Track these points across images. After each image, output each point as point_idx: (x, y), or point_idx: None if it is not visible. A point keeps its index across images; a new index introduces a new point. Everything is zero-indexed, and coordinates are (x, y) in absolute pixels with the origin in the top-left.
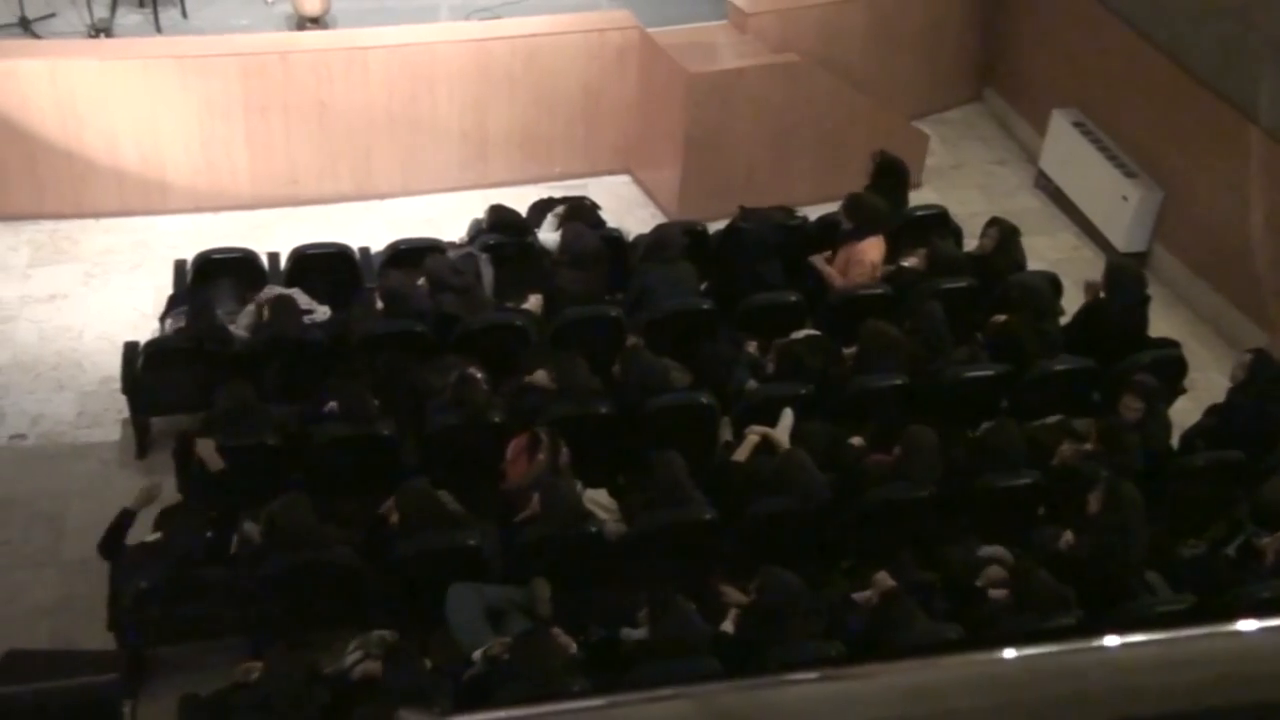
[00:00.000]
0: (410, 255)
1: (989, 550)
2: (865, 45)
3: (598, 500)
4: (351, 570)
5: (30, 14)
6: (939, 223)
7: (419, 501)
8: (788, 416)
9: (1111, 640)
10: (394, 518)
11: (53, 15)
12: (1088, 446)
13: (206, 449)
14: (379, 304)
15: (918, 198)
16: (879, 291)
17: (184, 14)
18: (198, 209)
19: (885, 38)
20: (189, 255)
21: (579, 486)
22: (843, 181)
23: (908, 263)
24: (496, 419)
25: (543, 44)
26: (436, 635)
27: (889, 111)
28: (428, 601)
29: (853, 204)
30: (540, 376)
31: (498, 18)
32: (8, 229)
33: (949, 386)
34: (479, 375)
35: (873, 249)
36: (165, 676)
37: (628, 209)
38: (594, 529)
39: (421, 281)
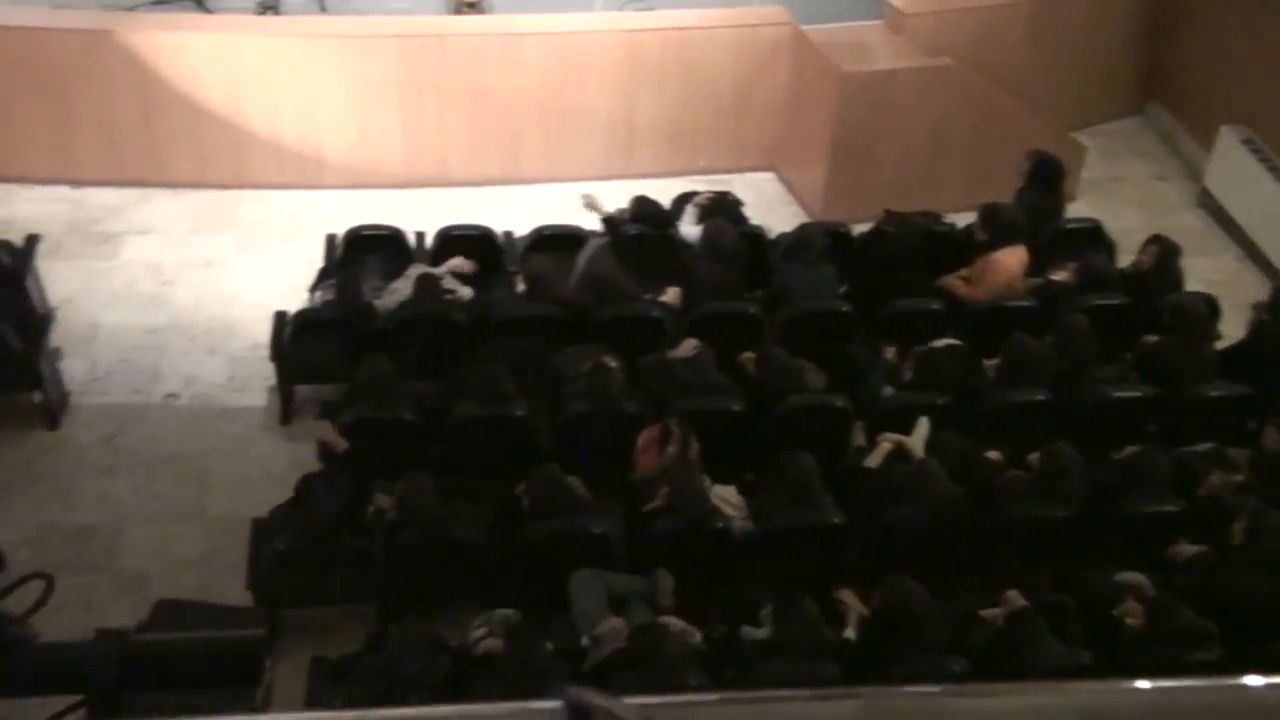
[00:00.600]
0: (553, 241)
1: (1128, 577)
2: (1024, 51)
3: (726, 496)
4: (479, 549)
5: None
6: (1092, 237)
7: (549, 486)
8: (923, 425)
9: (1254, 680)
10: (525, 500)
11: None
12: (1239, 478)
13: (327, 431)
14: (520, 287)
15: (1072, 211)
16: (1024, 304)
17: None
18: (350, 185)
19: (1046, 44)
20: (340, 230)
21: (707, 481)
22: (994, 189)
23: (1057, 276)
24: (629, 408)
25: (695, 37)
26: (559, 619)
27: (1045, 120)
28: (552, 585)
29: (988, 214)
30: (687, 347)
31: (651, 9)
32: (172, 196)
33: (1094, 406)
34: (614, 364)
35: (1010, 259)
36: (297, 637)
37: (770, 206)
38: (720, 525)
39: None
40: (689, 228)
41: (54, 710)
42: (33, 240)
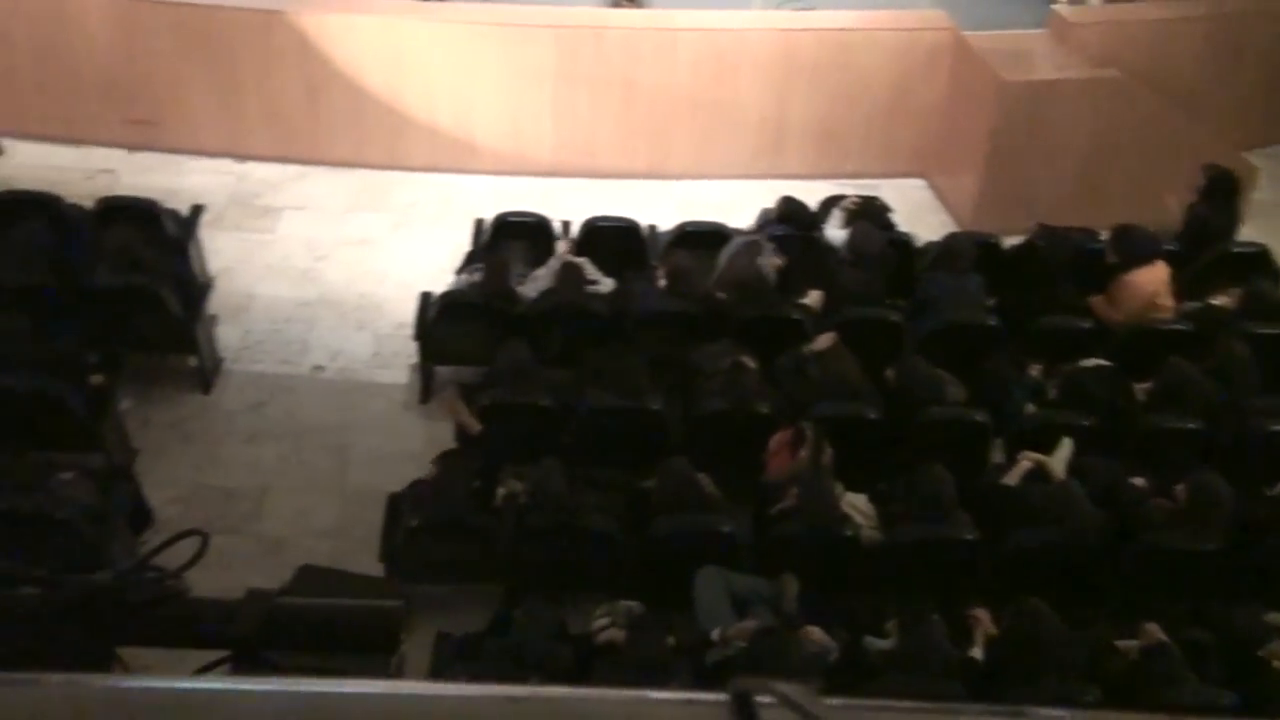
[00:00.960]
0: (697, 238)
1: (1276, 618)
2: (1198, 67)
3: (856, 504)
4: (606, 539)
5: None
6: (1259, 262)
7: (679, 481)
8: (1066, 446)
9: None
10: (654, 494)
11: None
12: None
13: (462, 412)
14: (661, 282)
15: (1238, 234)
16: (1179, 327)
17: None
18: (500, 171)
19: (1222, 60)
20: (488, 215)
21: (839, 488)
22: (1157, 209)
23: (1218, 301)
24: (763, 409)
25: (852, 39)
26: (681, 615)
27: (1216, 139)
28: (677, 580)
29: (1118, 236)
30: (822, 341)
31: (810, 9)
32: (331, 174)
33: (1251, 438)
34: (751, 364)
35: (1144, 279)
36: (424, 612)
37: (919, 214)
38: (849, 533)
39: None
40: (835, 231)
41: (201, 663)
42: (197, 211)
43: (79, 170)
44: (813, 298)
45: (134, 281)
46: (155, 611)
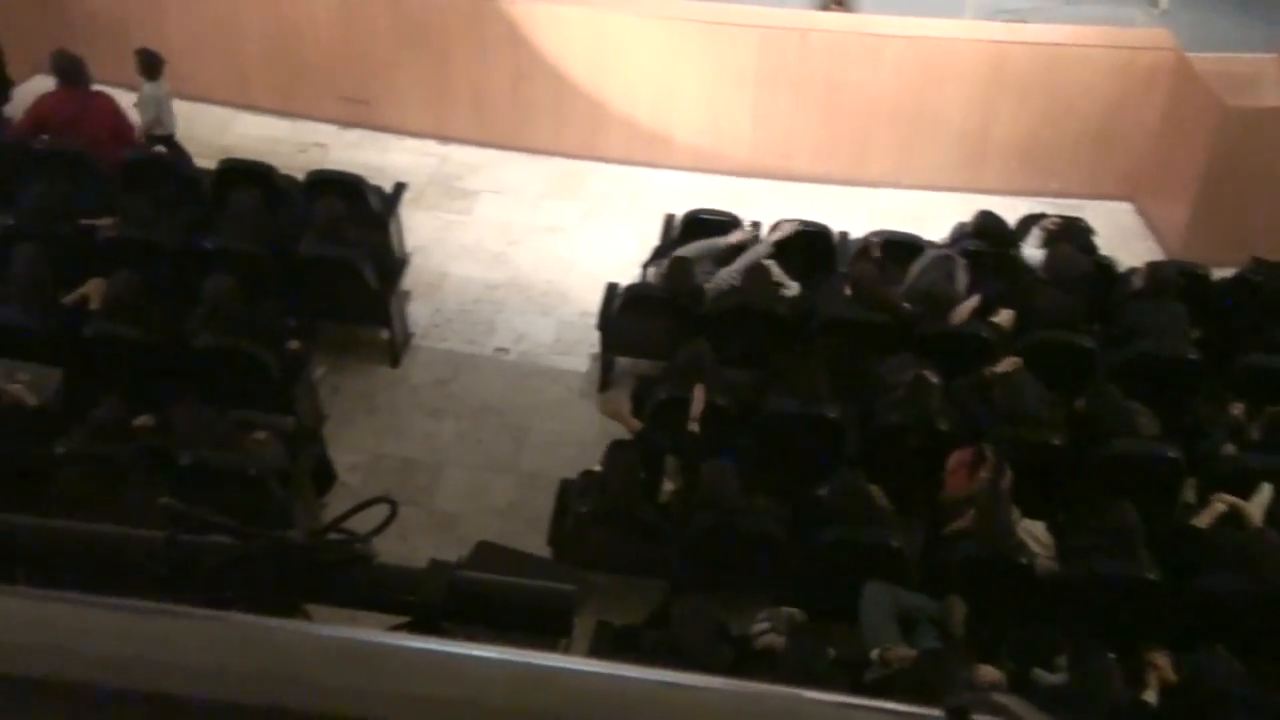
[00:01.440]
0: (889, 247)
1: None
2: None
3: (1034, 532)
4: (773, 543)
5: None
6: None
7: (851, 492)
8: (1265, 492)
9: None
10: (826, 502)
11: None
12: None
13: (622, 414)
14: (847, 290)
15: None
16: None
17: None
18: (695, 168)
19: None
20: (680, 211)
21: (1016, 513)
22: None
23: None
24: (943, 426)
25: (1066, 55)
26: (844, 627)
27: None
28: (842, 592)
29: None
30: (1006, 364)
31: (1024, 22)
32: (529, 161)
33: None
34: (934, 380)
35: None
36: (585, 599)
37: (1124, 239)
38: (1024, 560)
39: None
40: (1033, 250)
41: (378, 627)
42: (400, 188)
43: (293, 143)
44: (1004, 317)
45: (336, 253)
46: (343, 573)
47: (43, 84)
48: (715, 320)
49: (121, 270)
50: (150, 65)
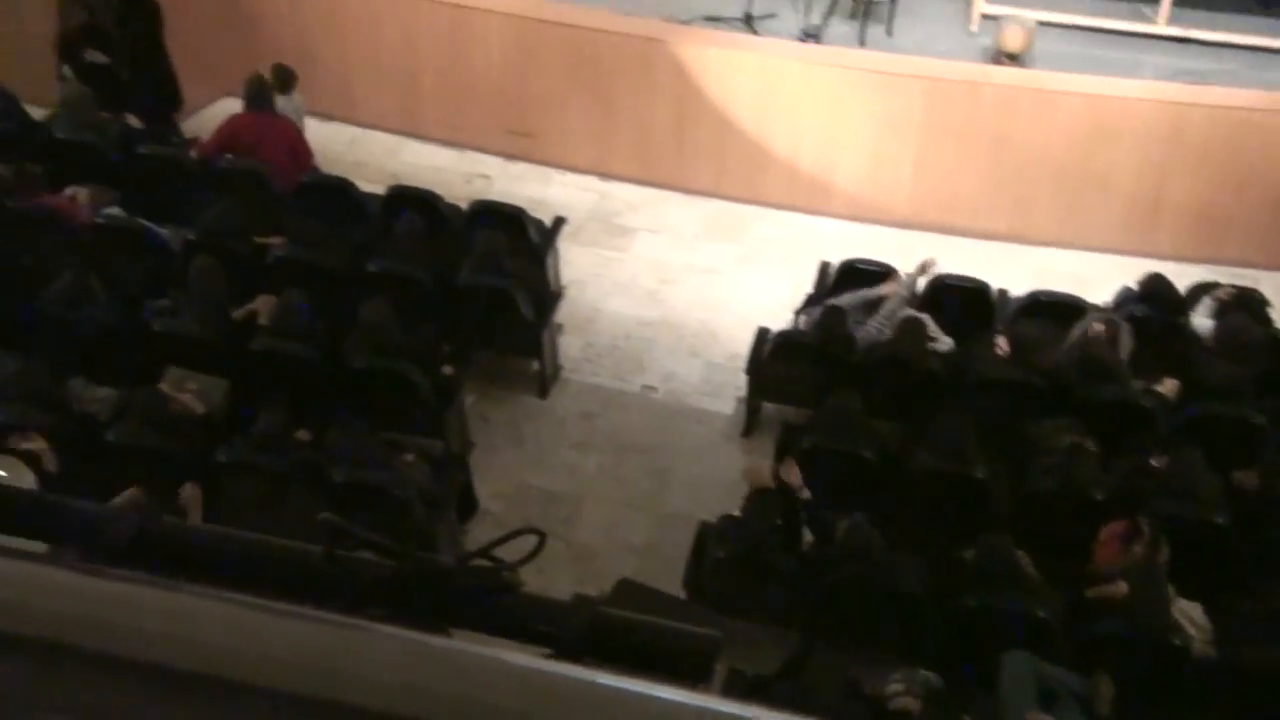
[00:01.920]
0: (1049, 308)
1: None
2: None
3: (1190, 614)
4: (914, 603)
5: (755, 12)
6: None
7: (997, 556)
8: None
9: None
10: (970, 565)
11: (773, 16)
12: None
13: (758, 478)
14: (1003, 348)
15: None
16: None
17: (889, 32)
18: (854, 217)
19: None
20: (835, 259)
21: (1171, 592)
22: None
23: None
24: (1099, 496)
25: (1251, 119)
26: (982, 696)
27: None
28: (982, 659)
29: None
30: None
31: (1207, 84)
32: (688, 202)
33: None
34: (1091, 447)
35: None
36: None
37: None
38: (1179, 642)
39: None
40: (1202, 320)
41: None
42: (559, 222)
43: (459, 173)
44: (1168, 386)
45: (494, 283)
46: (488, 600)
47: (230, 106)
48: (865, 371)
49: (290, 289)
50: (284, 79)
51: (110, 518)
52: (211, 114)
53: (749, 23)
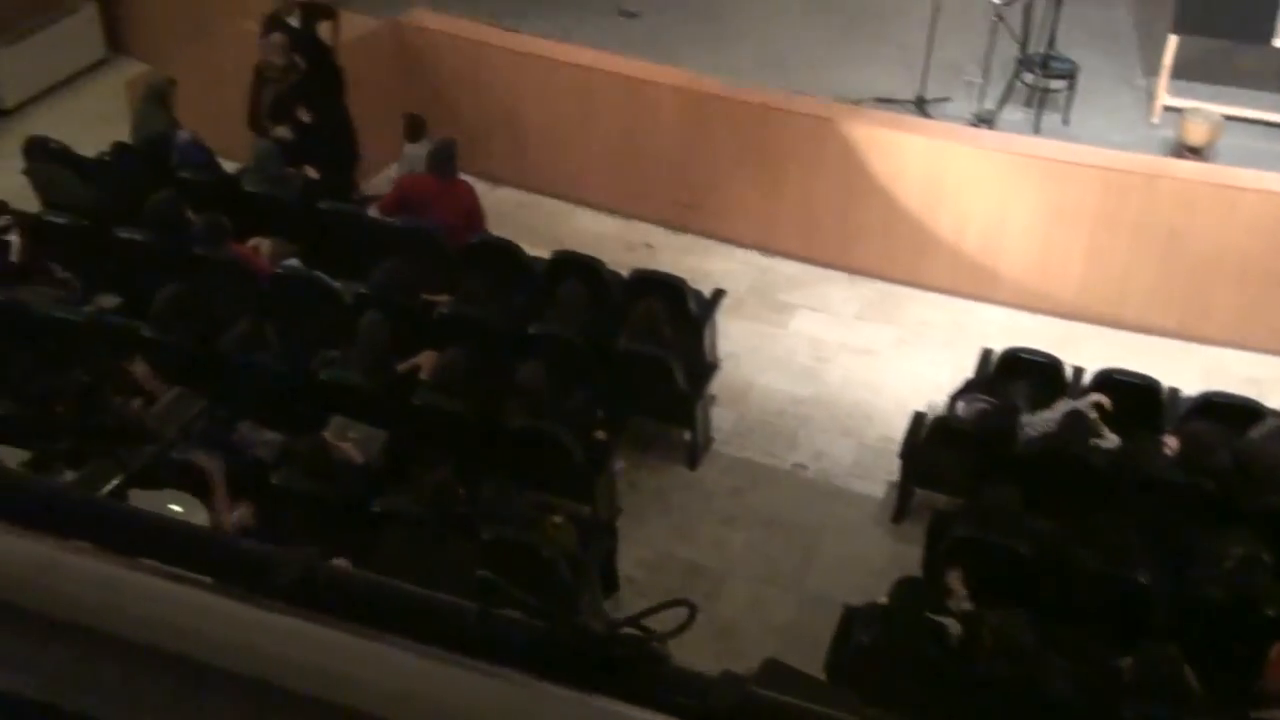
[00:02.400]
0: (1222, 410)
1: None
2: None
3: None
4: (1067, 709)
5: (928, 95)
6: None
7: (1160, 667)
8: None
9: None
10: (1130, 676)
11: (946, 99)
12: None
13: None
14: (1172, 449)
15: None
16: None
17: (1065, 121)
18: (1019, 305)
19: None
20: (998, 347)
21: None
22: None
23: None
24: (1271, 612)
25: None
26: None
27: None
28: None
29: None
30: None
31: None
32: (849, 281)
33: None
34: (1267, 560)
35: None
36: None
37: None
38: None
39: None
40: None
41: None
42: (718, 295)
43: (623, 240)
44: None
45: (651, 351)
46: (636, 669)
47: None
48: (1026, 464)
49: (452, 346)
50: (415, 128)
51: (278, 559)
52: (390, 174)
53: (921, 106)
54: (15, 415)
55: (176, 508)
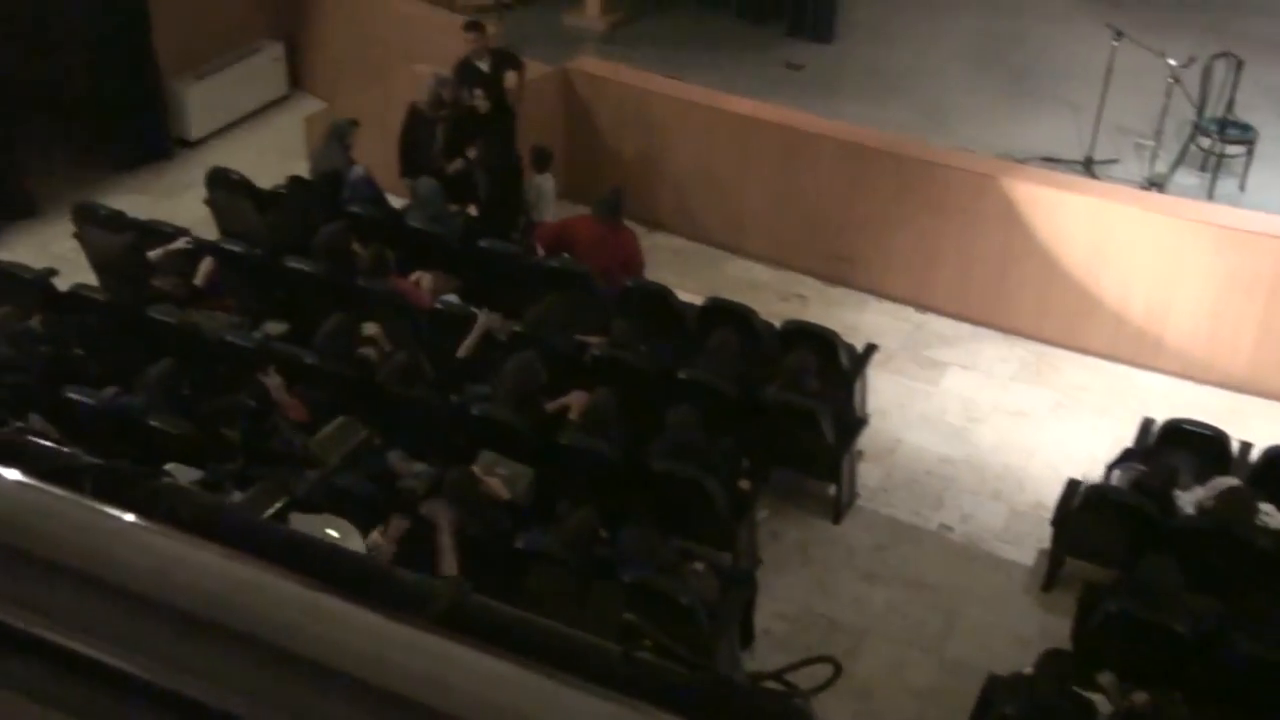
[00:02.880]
0: None
1: None
2: None
3: None
4: None
5: (1097, 156)
6: None
7: None
8: None
9: None
10: None
11: (1115, 161)
12: None
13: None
14: None
15: None
16: None
17: (1242, 187)
18: (1183, 375)
19: None
20: (1159, 416)
21: None
22: None
23: None
24: None
25: None
26: None
27: None
28: None
29: None
30: None
31: None
32: (1004, 340)
33: None
34: None
35: None
36: None
37: None
38: None
39: None
40: None
41: None
42: (870, 349)
43: (776, 290)
44: None
45: (799, 403)
46: None
47: (568, 209)
48: (1185, 539)
49: (602, 388)
50: (542, 159)
51: (431, 588)
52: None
53: (1088, 166)
54: (188, 435)
55: (333, 532)
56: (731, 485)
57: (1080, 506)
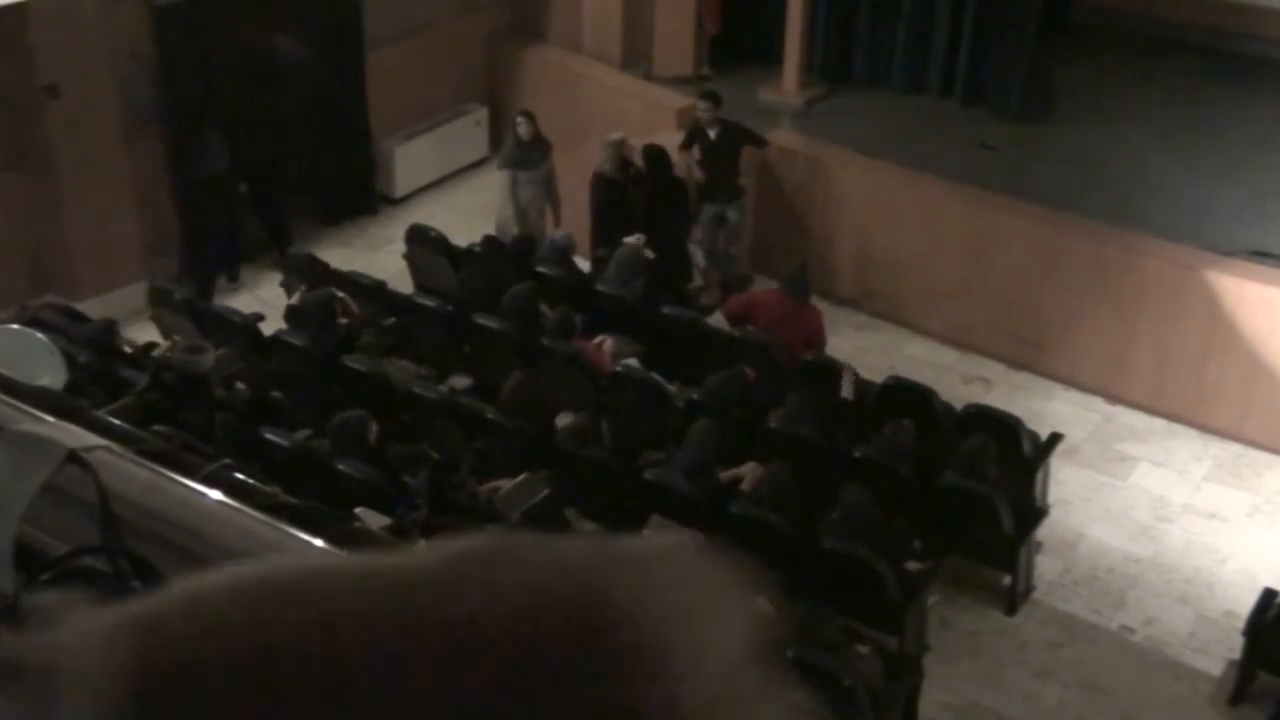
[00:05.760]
0: None
1: None
2: None
3: None
4: None
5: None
6: None
7: None
8: None
9: None
10: None
11: None
12: None
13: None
14: None
15: None
16: None
17: None
18: None
19: None
20: None
21: None
22: None
23: None
24: None
25: None
26: None
27: None
28: None
29: None
30: None
31: None
32: (1199, 439)
33: None
34: None
35: None
36: None
37: None
38: None
39: None
40: None
41: None
42: (1055, 438)
43: (958, 373)
44: None
45: (977, 489)
46: None
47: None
48: None
49: (778, 461)
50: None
51: None
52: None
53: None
54: (373, 481)
55: None
56: (901, 568)
57: (1276, 618)
